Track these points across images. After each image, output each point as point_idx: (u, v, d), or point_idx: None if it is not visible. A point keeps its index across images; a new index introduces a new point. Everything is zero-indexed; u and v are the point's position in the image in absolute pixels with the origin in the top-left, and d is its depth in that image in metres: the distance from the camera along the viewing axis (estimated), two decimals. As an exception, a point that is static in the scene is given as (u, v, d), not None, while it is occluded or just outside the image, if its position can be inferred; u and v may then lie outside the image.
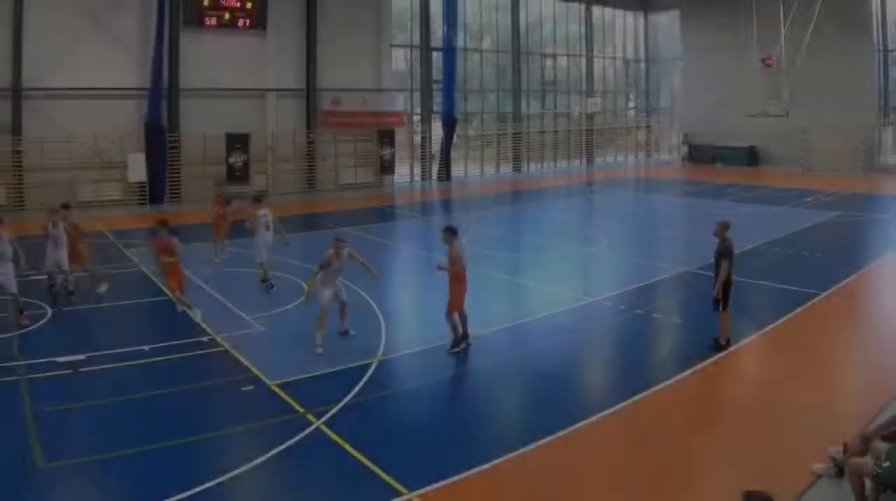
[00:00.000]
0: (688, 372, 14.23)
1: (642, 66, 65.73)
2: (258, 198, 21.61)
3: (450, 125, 48.75)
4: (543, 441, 11.35)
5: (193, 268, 21.84)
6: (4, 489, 9.91)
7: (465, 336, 15.60)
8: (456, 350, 15.41)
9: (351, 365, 14.47)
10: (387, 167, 46.83)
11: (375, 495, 9.84)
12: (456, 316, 15.48)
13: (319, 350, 15.15)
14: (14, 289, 17.16)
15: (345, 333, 16.31)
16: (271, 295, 19.85)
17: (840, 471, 10.01)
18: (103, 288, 19.90)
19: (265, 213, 20.97)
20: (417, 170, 49.98)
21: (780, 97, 47.47)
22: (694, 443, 11.58)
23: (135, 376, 14.13)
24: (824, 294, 19.88)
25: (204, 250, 24.49)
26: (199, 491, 9.80)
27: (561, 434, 11.57)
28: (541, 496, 10.03)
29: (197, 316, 17.12)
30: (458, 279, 15.41)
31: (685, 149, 59.07)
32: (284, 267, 22.45)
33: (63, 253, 19.24)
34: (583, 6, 59.63)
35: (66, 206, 20.30)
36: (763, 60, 48.46)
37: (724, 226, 15.36)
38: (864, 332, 17.71)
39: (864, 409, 12.27)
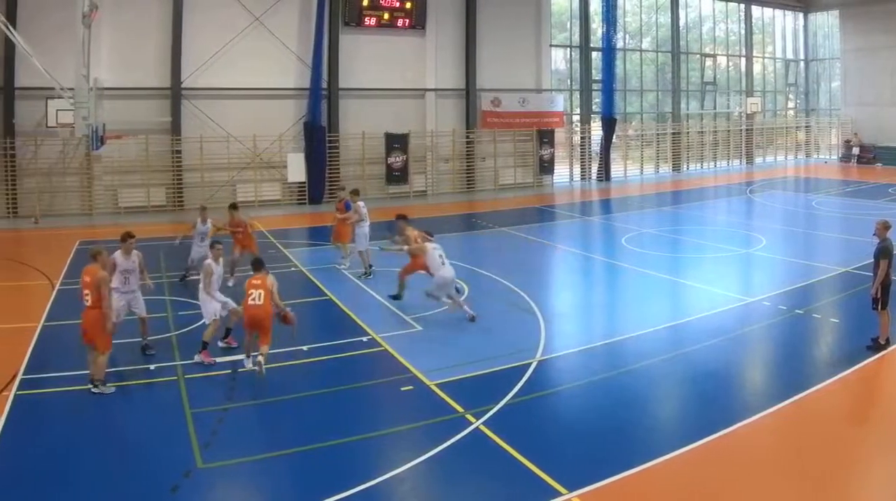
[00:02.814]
0: (847, 371, 12.87)
1: (801, 65, 57.25)
2: (356, 191, 21.06)
3: (609, 125, 42.65)
4: (703, 440, 10.17)
5: (354, 268, 20.59)
6: (164, 488, 8.97)
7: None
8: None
9: (510, 366, 13.11)
10: (546, 167, 41.24)
11: (535, 495, 8.83)
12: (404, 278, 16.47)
13: None
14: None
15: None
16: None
17: None
18: None
19: (364, 205, 20.42)
20: (577, 171, 44.15)
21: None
22: (854, 443, 10.34)
23: (293, 376, 12.92)
24: None
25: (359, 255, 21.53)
26: (359, 491, 8.90)
27: (721, 433, 10.40)
28: (701, 496, 8.99)
29: None
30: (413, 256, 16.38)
31: (857, 149, 51.04)
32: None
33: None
34: (742, 6, 52.14)
35: (233, 207, 19.58)
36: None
37: (885, 226, 14.28)
38: None
39: None
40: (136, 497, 8.92)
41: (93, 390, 11.84)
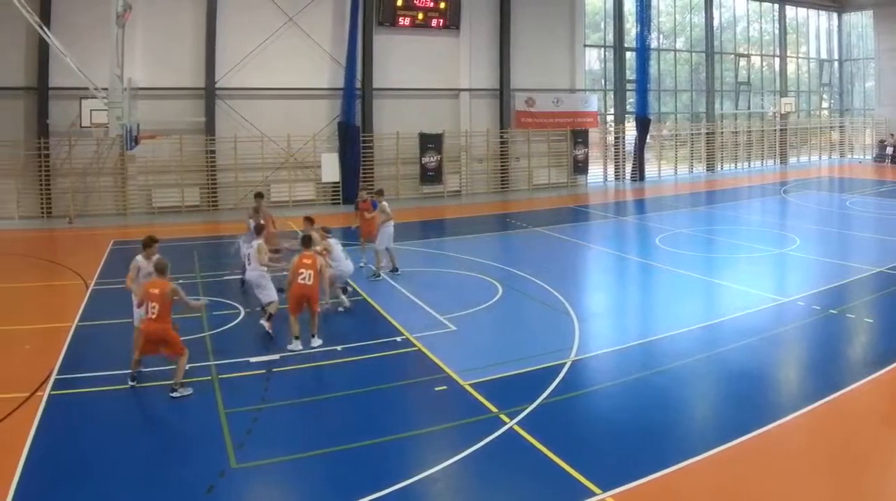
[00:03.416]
0: (881, 371, 12.45)
1: (836, 65, 55.76)
2: (381, 191, 20.86)
3: (643, 125, 41.67)
4: (737, 440, 9.93)
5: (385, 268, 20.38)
6: (199, 489, 8.82)
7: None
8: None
9: (544, 366, 12.84)
10: (580, 167, 40.22)
11: (569, 495, 8.67)
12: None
13: None
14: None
15: None
16: (464, 295, 17.59)
17: None
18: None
19: (387, 204, 20.04)
20: (611, 171, 43.13)
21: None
22: (889, 444, 10.16)
23: (327, 376, 12.92)
24: None
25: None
26: (393, 491, 8.73)
27: (755, 433, 10.15)
28: (735, 496, 8.77)
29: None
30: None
31: (891, 149, 49.37)
32: (476, 267, 20.62)
33: None
34: (776, 6, 50.82)
35: (259, 195, 18.90)
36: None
37: None
38: None
39: None
40: (170, 497, 8.75)
41: (171, 395, 11.61)
